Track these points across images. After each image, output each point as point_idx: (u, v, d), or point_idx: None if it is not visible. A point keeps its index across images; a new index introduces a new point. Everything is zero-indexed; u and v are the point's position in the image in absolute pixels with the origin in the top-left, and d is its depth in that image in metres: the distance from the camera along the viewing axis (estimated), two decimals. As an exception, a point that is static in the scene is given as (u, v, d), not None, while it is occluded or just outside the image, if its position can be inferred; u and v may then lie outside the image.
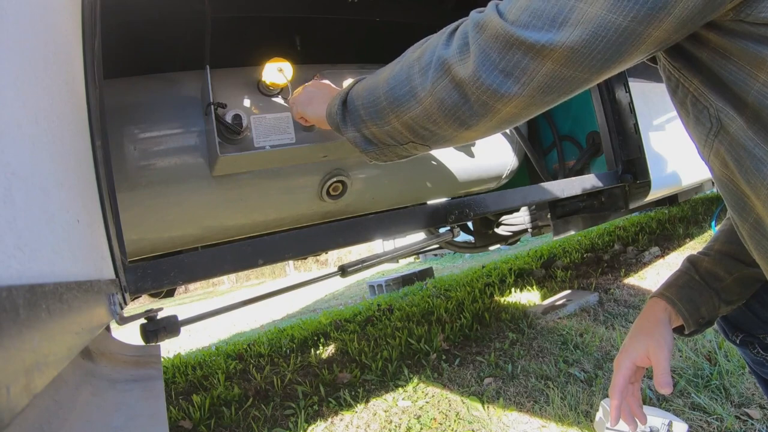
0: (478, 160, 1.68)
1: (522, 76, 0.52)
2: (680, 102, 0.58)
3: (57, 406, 0.36)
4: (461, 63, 0.55)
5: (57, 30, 0.53)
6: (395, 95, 0.64)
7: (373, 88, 0.69)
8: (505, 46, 0.51)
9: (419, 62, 0.62)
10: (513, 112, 0.56)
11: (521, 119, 0.59)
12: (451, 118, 0.60)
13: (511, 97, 0.53)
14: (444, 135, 0.64)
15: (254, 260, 0.95)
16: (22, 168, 0.30)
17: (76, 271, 0.41)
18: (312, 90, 0.95)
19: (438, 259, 7.33)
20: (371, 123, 0.70)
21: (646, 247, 3.14)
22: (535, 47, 0.49)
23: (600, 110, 1.62)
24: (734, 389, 1.35)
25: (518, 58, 0.51)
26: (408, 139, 0.68)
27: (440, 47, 0.59)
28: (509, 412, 1.48)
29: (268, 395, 1.93)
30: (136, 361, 0.69)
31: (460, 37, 0.57)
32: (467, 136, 0.63)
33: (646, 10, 0.44)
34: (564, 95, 0.54)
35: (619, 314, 2.15)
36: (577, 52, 0.48)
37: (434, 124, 0.62)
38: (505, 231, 2.01)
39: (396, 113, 0.65)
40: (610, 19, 0.45)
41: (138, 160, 1.12)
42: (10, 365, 0.21)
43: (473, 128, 0.60)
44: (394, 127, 0.67)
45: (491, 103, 0.55)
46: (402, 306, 3.08)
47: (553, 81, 0.51)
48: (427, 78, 0.60)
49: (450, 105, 0.58)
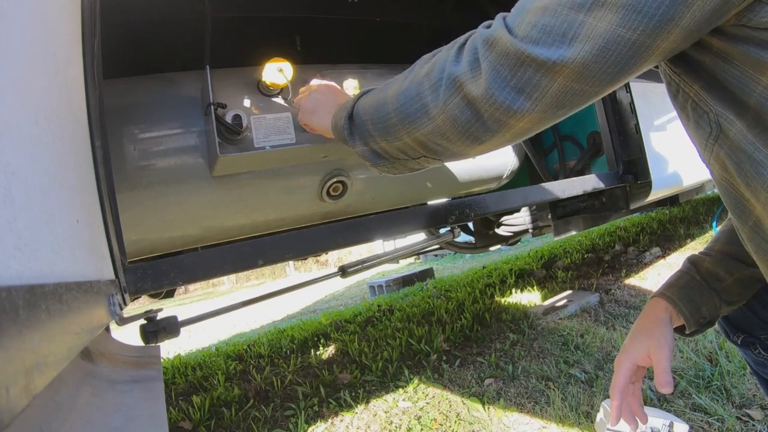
0: (479, 160, 1.68)
1: (534, 92, 0.52)
2: (681, 106, 0.58)
3: (57, 407, 0.37)
4: (473, 81, 0.56)
5: (57, 30, 0.53)
6: (406, 112, 0.65)
7: (382, 104, 0.69)
8: (516, 63, 0.52)
9: (429, 78, 0.62)
10: (526, 126, 0.56)
11: (533, 132, 0.59)
12: (464, 135, 0.60)
13: (524, 113, 0.54)
14: (457, 150, 0.64)
15: (254, 261, 0.95)
16: (22, 168, 0.30)
17: (76, 272, 0.41)
18: (317, 98, 0.95)
19: (438, 260, 7.33)
20: (380, 138, 0.70)
21: (647, 248, 3.14)
22: (547, 64, 0.49)
23: (601, 110, 1.62)
24: (735, 390, 1.35)
25: (530, 75, 0.51)
26: (420, 154, 0.69)
27: (450, 63, 0.59)
28: (510, 413, 1.48)
29: (269, 396, 1.92)
30: (136, 362, 0.69)
31: (469, 53, 0.57)
32: (479, 150, 0.63)
33: (654, 23, 0.45)
34: (575, 108, 0.55)
35: (620, 315, 2.14)
36: (588, 67, 0.48)
37: (447, 140, 0.63)
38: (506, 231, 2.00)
39: (407, 130, 0.66)
40: (619, 34, 0.46)
41: (138, 160, 1.11)
42: (10, 366, 0.21)
43: (486, 143, 0.61)
44: (405, 143, 0.68)
45: (504, 120, 0.55)
46: (402, 306, 3.07)
47: (565, 96, 0.52)
48: (438, 95, 0.60)
49: (463, 122, 0.59)
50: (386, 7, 1.56)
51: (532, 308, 2.42)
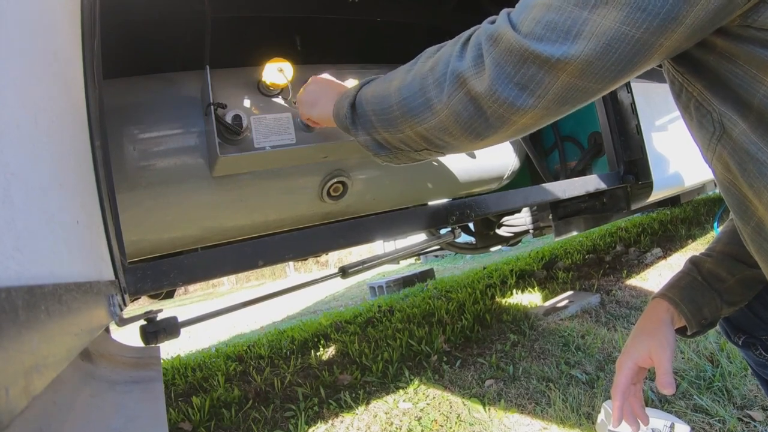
0: (480, 160, 1.68)
1: (537, 89, 0.52)
2: (684, 106, 0.58)
3: (56, 408, 0.36)
4: (477, 77, 0.55)
5: (56, 30, 0.52)
6: (409, 106, 0.65)
7: (385, 96, 0.69)
8: (519, 60, 0.52)
9: (433, 73, 0.62)
10: (528, 123, 0.56)
11: (536, 128, 0.59)
12: (467, 130, 0.60)
13: (527, 109, 0.54)
14: (459, 144, 0.64)
15: (254, 261, 0.95)
16: (22, 168, 0.30)
17: (76, 273, 0.41)
18: (314, 89, 0.95)
19: (439, 260, 7.32)
20: (383, 129, 0.70)
21: (648, 248, 3.13)
22: (550, 61, 0.49)
23: (602, 110, 1.61)
24: (737, 391, 1.34)
25: (533, 72, 0.51)
26: (422, 146, 0.69)
27: (454, 59, 0.59)
28: (510, 414, 1.47)
29: (269, 397, 1.92)
30: (136, 363, 0.69)
31: (473, 48, 0.57)
32: (482, 145, 0.64)
33: (659, 21, 0.44)
34: (578, 105, 0.55)
35: (621, 316, 2.14)
36: (592, 64, 0.48)
37: (450, 135, 0.63)
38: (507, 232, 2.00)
39: (410, 123, 0.65)
40: (624, 31, 0.46)
41: (138, 160, 1.11)
42: (9, 367, 0.21)
43: (488, 138, 0.61)
44: (407, 135, 0.68)
45: (507, 116, 0.55)
46: (403, 307, 3.07)
47: (568, 92, 0.51)
48: (442, 91, 0.60)
49: (466, 118, 0.59)
50: (386, 7, 1.56)
51: (533, 309, 2.42)
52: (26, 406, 0.22)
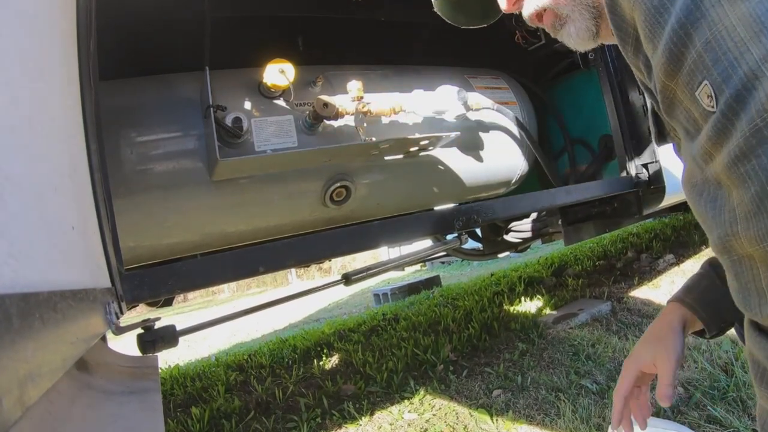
0: (487, 164, 1.65)
1: None
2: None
3: (51, 419, 0.36)
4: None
5: (51, 32, 0.53)
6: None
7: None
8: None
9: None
10: None
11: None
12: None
13: None
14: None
15: (255, 268, 0.95)
16: (15, 173, 0.30)
17: (71, 280, 0.42)
18: None
19: (445, 267, 7.31)
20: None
21: (661, 255, 3.11)
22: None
23: (613, 113, 1.59)
24: (751, 401, 1.32)
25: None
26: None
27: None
28: (519, 425, 1.46)
29: (270, 407, 1.91)
30: (133, 373, 0.70)
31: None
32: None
33: None
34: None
35: (633, 324, 2.11)
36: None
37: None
38: (515, 238, 1.98)
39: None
40: None
41: (135, 164, 1.10)
42: (3, 376, 0.21)
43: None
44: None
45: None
46: (408, 315, 3.06)
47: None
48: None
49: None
50: (390, 6, 1.54)
51: (542, 317, 2.40)
52: (20, 417, 0.22)
